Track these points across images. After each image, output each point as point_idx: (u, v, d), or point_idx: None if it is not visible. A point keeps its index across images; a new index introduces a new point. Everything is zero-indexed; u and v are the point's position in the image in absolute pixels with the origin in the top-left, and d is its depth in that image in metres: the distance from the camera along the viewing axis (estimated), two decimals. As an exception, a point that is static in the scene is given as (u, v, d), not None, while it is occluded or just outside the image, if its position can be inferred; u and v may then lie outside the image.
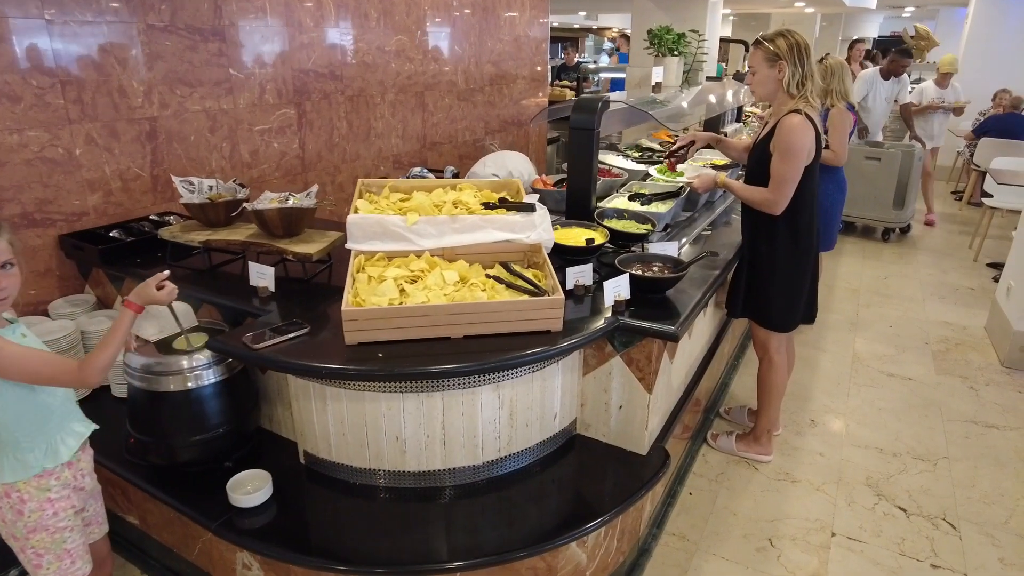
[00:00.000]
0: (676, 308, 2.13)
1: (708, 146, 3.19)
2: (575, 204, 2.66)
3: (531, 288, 1.99)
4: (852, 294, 5.19)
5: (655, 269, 2.28)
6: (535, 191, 2.94)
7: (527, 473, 2.15)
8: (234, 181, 2.68)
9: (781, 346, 2.89)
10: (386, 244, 2.12)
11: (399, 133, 4.50)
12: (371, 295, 1.89)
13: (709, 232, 3.03)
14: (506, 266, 2.11)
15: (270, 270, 2.21)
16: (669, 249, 2.44)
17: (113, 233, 2.78)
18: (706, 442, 3.26)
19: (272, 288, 2.22)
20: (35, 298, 2.67)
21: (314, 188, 2.52)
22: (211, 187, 2.64)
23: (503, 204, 2.25)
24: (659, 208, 2.83)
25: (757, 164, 2.61)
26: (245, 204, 2.32)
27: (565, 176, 2.88)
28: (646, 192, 3.10)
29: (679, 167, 3.30)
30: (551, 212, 2.92)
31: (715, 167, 3.66)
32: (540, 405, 2.11)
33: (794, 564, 2.51)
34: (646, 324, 2.01)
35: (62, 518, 1.71)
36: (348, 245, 2.12)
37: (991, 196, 6.01)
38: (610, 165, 3.51)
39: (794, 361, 3.11)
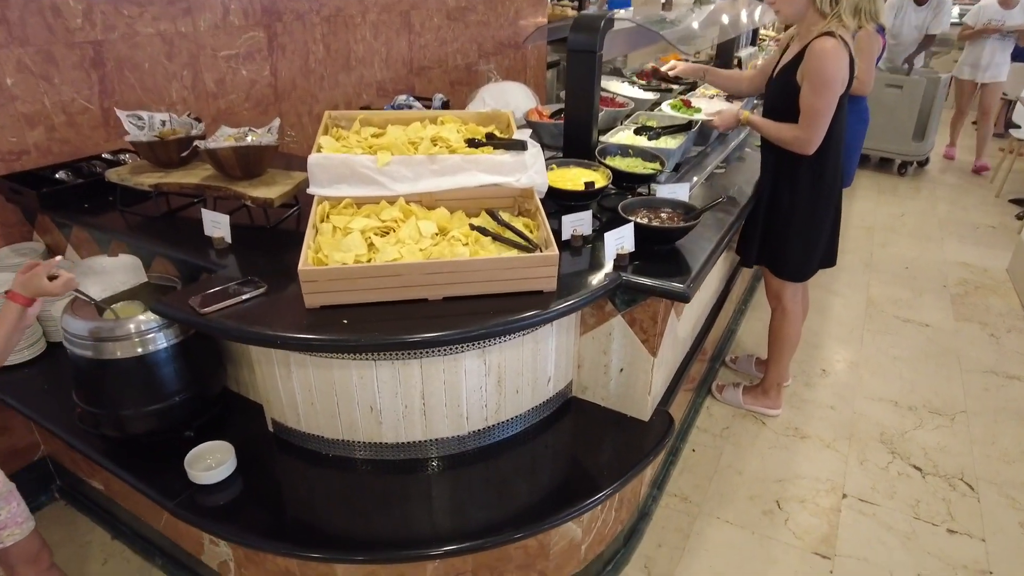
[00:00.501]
0: (686, 261, 1.88)
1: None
2: (573, 139, 2.37)
3: (521, 242, 1.74)
4: (866, 233, 4.92)
5: (663, 216, 2.01)
6: (529, 124, 2.64)
7: (518, 441, 1.96)
8: (188, 115, 2.37)
9: (796, 295, 2.66)
10: (354, 188, 1.85)
11: (383, 57, 4.11)
12: (335, 250, 1.64)
13: (723, 170, 2.73)
14: (493, 215, 1.84)
15: (225, 218, 1.95)
16: (680, 192, 2.16)
17: (60, 174, 2.50)
18: (711, 394, 3.09)
19: (228, 239, 1.97)
20: (-25, 247, 2.42)
21: (276, 122, 2.22)
22: (163, 122, 2.34)
23: (490, 141, 1.96)
24: (668, 144, 2.53)
25: (780, 96, 2.30)
26: (198, 142, 2.02)
27: (563, 107, 2.56)
28: (654, 125, 2.79)
29: (695, 102, 2.94)
30: (547, 148, 2.64)
31: None
32: (532, 370, 1.90)
33: (802, 528, 2.36)
34: (652, 282, 1.76)
35: None
36: (310, 190, 1.84)
37: (1019, 127, 5.62)
38: (614, 93, 3.17)
39: (808, 308, 2.88)
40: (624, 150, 2.39)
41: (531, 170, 1.91)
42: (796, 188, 2.40)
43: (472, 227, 1.79)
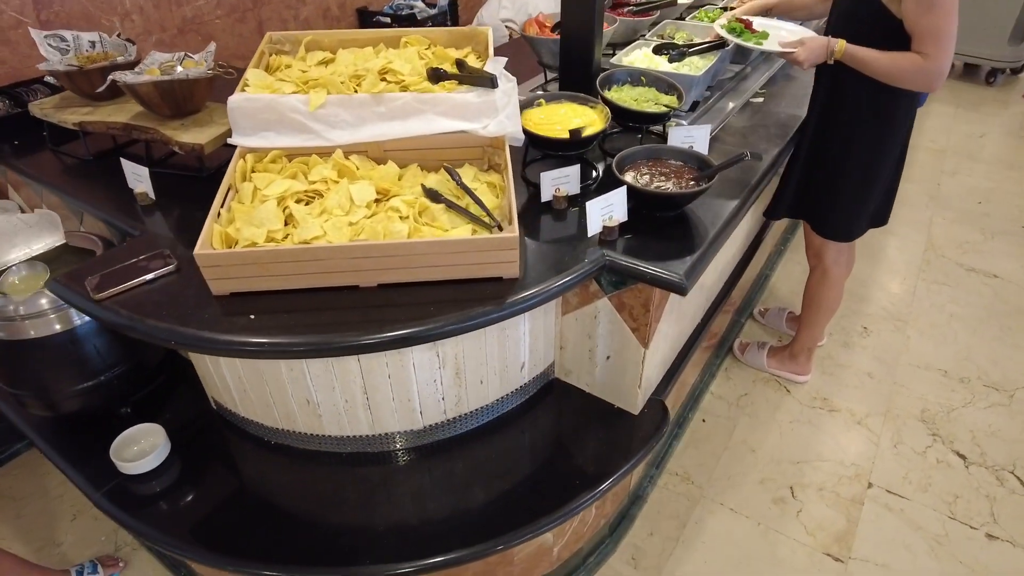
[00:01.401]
0: (691, 236, 1.51)
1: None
2: (570, 62, 1.93)
3: (480, 214, 1.40)
4: (936, 156, 4.29)
5: (670, 172, 1.62)
6: (525, 39, 2.19)
7: (486, 435, 1.71)
8: (117, 35, 2.02)
9: (841, 256, 2.25)
10: (282, 138, 1.51)
11: (382, -50, 3.59)
12: (248, 223, 1.34)
13: (762, 97, 2.26)
14: (451, 173, 1.49)
15: (144, 171, 1.66)
16: (697, 137, 1.75)
17: (-5, 102, 2.22)
18: (731, 352, 2.76)
19: (151, 194, 1.68)
20: (-88, 184, 2.21)
21: (211, 47, 1.86)
22: (92, 43, 2.01)
23: (452, 76, 1.57)
24: (694, 68, 2.06)
25: (866, 20, 1.78)
26: (117, 74, 1.70)
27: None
28: (679, 41, 2.30)
29: (760, 23, 2.15)
30: (549, 69, 2.21)
31: None
32: (499, 358, 1.61)
33: (816, 523, 2.10)
34: (643, 266, 1.41)
35: None
36: (231, 139, 1.52)
37: None
38: (638, -3, 2.64)
39: (855, 261, 2.47)
40: (635, 76, 1.95)
41: (502, 114, 1.53)
42: (854, 126, 1.93)
43: (424, 190, 1.46)
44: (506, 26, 3.65)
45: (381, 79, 1.57)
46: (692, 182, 1.57)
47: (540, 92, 1.82)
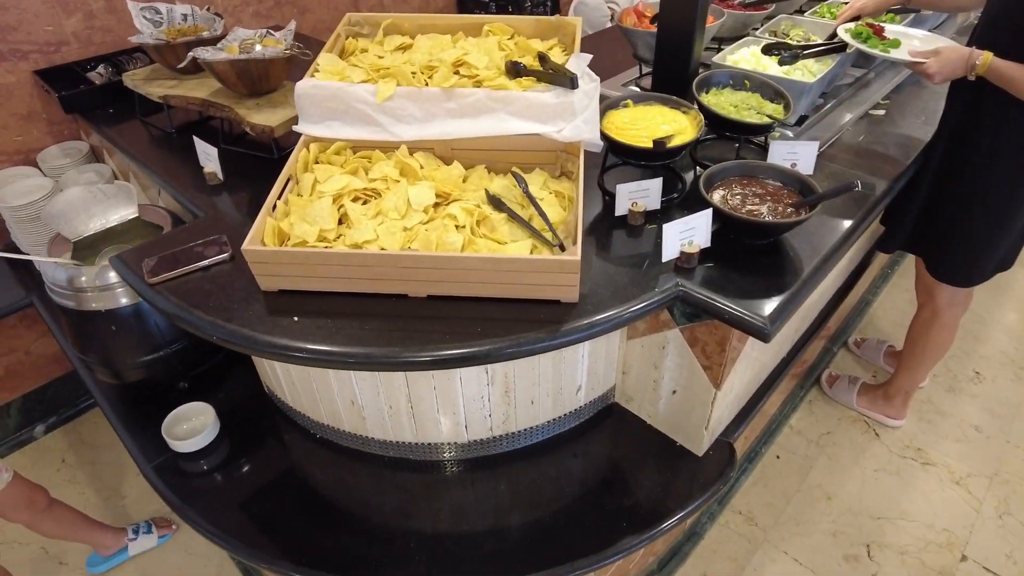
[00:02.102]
0: (781, 272, 1.33)
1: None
2: (666, 59, 1.76)
3: (543, 230, 1.28)
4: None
5: (765, 193, 1.43)
6: (621, 29, 2.02)
7: (533, 456, 1.62)
8: (207, 8, 2.02)
9: (956, 297, 1.97)
10: (348, 128, 1.45)
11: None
12: (302, 219, 1.29)
13: (884, 110, 1.99)
14: (518, 179, 1.38)
15: (214, 151, 1.64)
16: (802, 155, 1.55)
17: (99, 70, 2.30)
18: (818, 384, 2.52)
19: (220, 175, 1.67)
20: (24, 145, 2.32)
21: (291, 25, 1.82)
22: (184, 16, 2.02)
23: (531, 72, 1.45)
24: (807, 72, 1.84)
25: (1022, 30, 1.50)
26: (197, 51, 1.68)
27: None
28: (793, 41, 2.07)
29: (892, 30, 1.88)
30: (645, 63, 2.04)
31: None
32: (553, 379, 1.50)
33: (895, 592, 1.88)
34: (722, 303, 1.25)
35: None
36: (297, 127, 1.47)
37: None
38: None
39: (971, 302, 2.17)
40: (738, 79, 1.75)
41: (579, 117, 1.40)
42: (992, 156, 1.66)
43: (488, 196, 1.35)
44: (609, 6, 3.45)
45: (455, 72, 1.47)
46: (790, 209, 1.38)
47: (629, 91, 1.66)
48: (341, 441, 1.64)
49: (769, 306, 1.24)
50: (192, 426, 1.69)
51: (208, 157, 1.65)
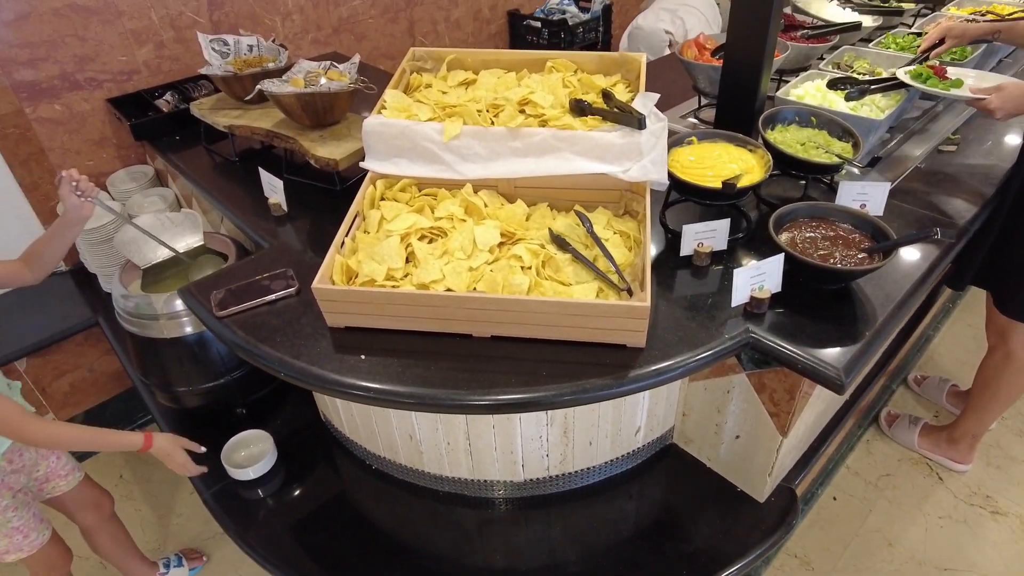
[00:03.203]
0: (854, 320, 1.29)
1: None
2: (731, 93, 1.74)
3: (608, 271, 1.27)
4: None
5: (836, 236, 1.39)
6: (682, 62, 2.01)
7: (589, 496, 1.59)
8: (272, 40, 2.08)
9: (1032, 340, 1.88)
10: (414, 166, 1.46)
11: (538, -49, 3.50)
12: (370, 256, 1.30)
13: (955, 145, 1.92)
14: (583, 218, 1.37)
15: (279, 184, 1.67)
16: (872, 196, 1.50)
17: (166, 97, 2.38)
18: (876, 422, 2.44)
19: (284, 206, 1.70)
20: (95, 169, 2.41)
21: (355, 59, 1.85)
22: (250, 48, 2.08)
23: (596, 111, 1.44)
24: (875, 108, 1.79)
25: None
26: (263, 83, 1.73)
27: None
28: (860, 71, 2.02)
29: (953, 71, 1.81)
30: (705, 96, 2.02)
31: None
32: (612, 422, 1.48)
33: (965, 651, 1.79)
34: (794, 351, 1.22)
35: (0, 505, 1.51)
36: (364, 163, 1.49)
37: None
38: (813, 16, 2.36)
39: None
40: (804, 116, 1.72)
41: (647, 158, 1.38)
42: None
43: (551, 235, 1.35)
44: (665, 31, 3.43)
45: (520, 110, 1.47)
46: (863, 254, 1.34)
47: (692, 129, 1.64)
48: (396, 473, 1.64)
49: (843, 356, 1.20)
50: (250, 453, 1.71)
51: (273, 189, 1.68)
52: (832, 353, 1.21)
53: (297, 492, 1.68)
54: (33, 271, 1.50)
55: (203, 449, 1.62)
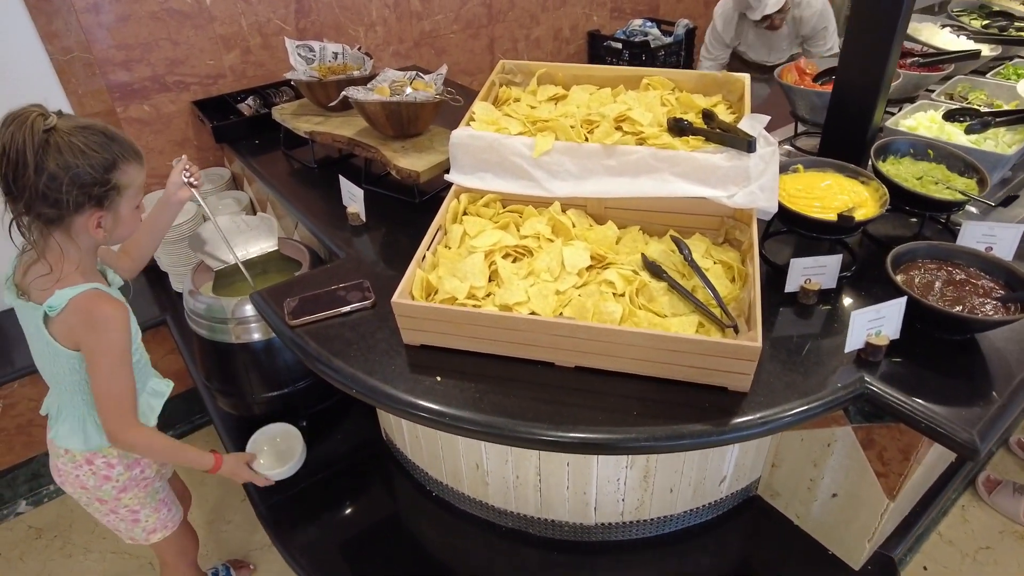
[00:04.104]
0: (985, 376, 1.14)
1: None
2: (841, 121, 1.61)
3: (710, 305, 1.16)
4: None
5: (963, 280, 1.25)
6: (781, 86, 1.89)
7: (664, 545, 1.47)
8: (358, 48, 2.06)
9: None
10: (500, 181, 1.39)
11: (622, -30, 3.45)
12: (451, 273, 1.23)
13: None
14: (680, 245, 1.27)
15: (359, 193, 1.63)
16: (1001, 239, 1.35)
17: (248, 101, 2.40)
18: (973, 487, 2.22)
19: (363, 216, 1.66)
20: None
21: (442, 69, 1.81)
22: (335, 55, 2.07)
23: (698, 131, 1.35)
24: (1001, 142, 1.64)
25: None
26: (349, 90, 1.70)
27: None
28: (976, 103, 1.86)
29: None
30: (803, 123, 1.90)
31: None
32: (698, 468, 1.36)
33: None
34: (918, 409, 1.08)
35: (148, 473, 1.50)
36: (448, 176, 1.43)
37: None
38: (923, 44, 2.21)
39: None
40: (920, 148, 1.58)
41: (755, 183, 1.27)
42: None
43: (645, 261, 1.25)
44: None
45: (616, 127, 1.39)
46: (997, 303, 1.19)
47: (797, 159, 1.52)
48: (457, 502, 1.55)
49: (976, 417, 1.06)
50: (277, 449, 1.62)
51: (353, 198, 1.65)
52: (963, 413, 1.07)
53: (351, 510, 1.62)
54: (133, 261, 1.49)
55: (270, 482, 1.55)
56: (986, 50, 2.14)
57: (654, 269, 1.24)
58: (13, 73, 2.07)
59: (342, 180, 1.68)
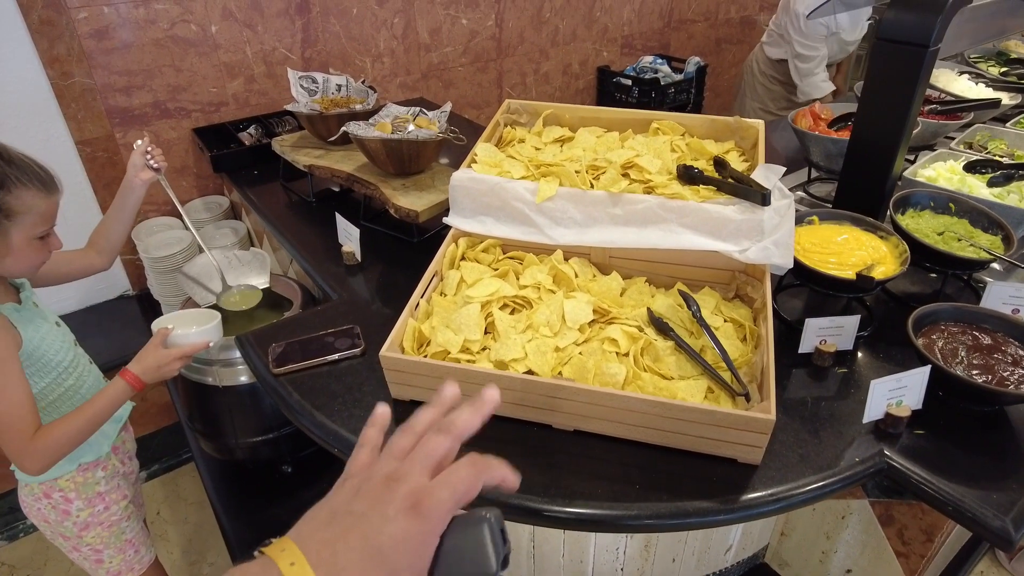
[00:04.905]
0: (1019, 454, 1.06)
1: None
2: (858, 171, 1.55)
3: (719, 370, 1.09)
4: None
5: (990, 350, 1.17)
6: (795, 132, 1.84)
7: (663, 616, 1.37)
8: (362, 81, 2.03)
9: None
10: (501, 226, 1.33)
11: (635, 7, 3.43)
12: (446, 323, 1.16)
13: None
14: (688, 301, 1.20)
15: (355, 232, 1.58)
16: (1030, 300, 1.28)
17: (250, 130, 2.37)
18: (993, 553, 2.11)
19: (358, 255, 1.60)
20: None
21: (446, 107, 1.76)
22: (339, 87, 2.03)
23: (709, 180, 1.28)
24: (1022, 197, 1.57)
25: None
26: (349, 125, 1.65)
27: (853, 112, 1.70)
28: (996, 153, 1.80)
29: None
30: (817, 169, 1.84)
31: None
32: (703, 537, 1.27)
33: None
34: (944, 490, 1.00)
35: (114, 511, 1.43)
36: (447, 219, 1.37)
37: None
38: (941, 90, 2.16)
39: None
40: (941, 202, 1.51)
41: (769, 238, 1.21)
42: None
43: (651, 316, 1.18)
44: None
45: (623, 174, 1.33)
46: (1028, 373, 1.11)
47: (813, 211, 1.45)
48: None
49: (1009, 501, 0.97)
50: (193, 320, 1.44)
51: (349, 236, 1.59)
52: (993, 496, 0.98)
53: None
54: (101, 254, 1.45)
55: (199, 347, 1.36)
56: (1005, 99, 2.08)
57: (660, 326, 1.17)
58: (12, 96, 2.05)
59: (339, 218, 1.63)
